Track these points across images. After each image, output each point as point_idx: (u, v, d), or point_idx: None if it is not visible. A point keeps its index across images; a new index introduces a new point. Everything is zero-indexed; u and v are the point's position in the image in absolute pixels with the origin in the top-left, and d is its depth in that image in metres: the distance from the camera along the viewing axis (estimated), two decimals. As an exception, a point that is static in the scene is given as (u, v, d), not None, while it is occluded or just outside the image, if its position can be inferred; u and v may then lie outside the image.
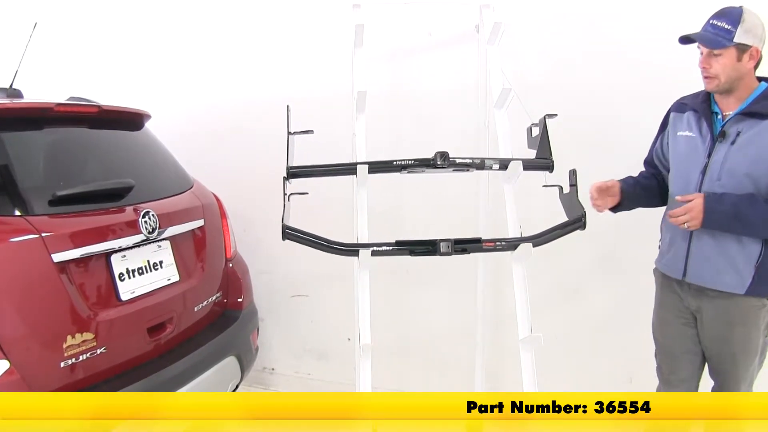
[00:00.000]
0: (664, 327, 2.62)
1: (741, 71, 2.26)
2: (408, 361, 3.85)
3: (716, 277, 2.35)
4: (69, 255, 2.30)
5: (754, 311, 2.35)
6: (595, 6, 3.24)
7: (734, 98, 2.32)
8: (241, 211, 3.76)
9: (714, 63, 2.25)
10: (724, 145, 2.29)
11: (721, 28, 2.23)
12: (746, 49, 2.22)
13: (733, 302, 2.34)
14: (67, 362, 2.25)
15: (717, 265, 2.34)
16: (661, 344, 2.65)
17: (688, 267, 2.42)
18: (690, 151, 2.41)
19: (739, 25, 2.20)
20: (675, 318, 2.54)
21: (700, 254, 2.37)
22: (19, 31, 3.33)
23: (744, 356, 2.39)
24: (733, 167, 2.26)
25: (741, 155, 2.25)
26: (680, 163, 2.46)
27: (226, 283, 3.25)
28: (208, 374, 2.82)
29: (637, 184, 2.62)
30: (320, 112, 3.38)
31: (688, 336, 2.52)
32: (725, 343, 2.41)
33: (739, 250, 2.30)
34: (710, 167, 2.32)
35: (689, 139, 2.42)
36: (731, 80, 2.26)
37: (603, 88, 3.24)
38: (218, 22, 3.99)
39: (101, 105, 2.82)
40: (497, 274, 3.42)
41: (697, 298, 2.44)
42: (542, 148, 2.76)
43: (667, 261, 2.53)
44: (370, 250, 2.56)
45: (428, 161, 2.64)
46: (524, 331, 2.60)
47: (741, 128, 2.26)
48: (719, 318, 2.40)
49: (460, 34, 3.40)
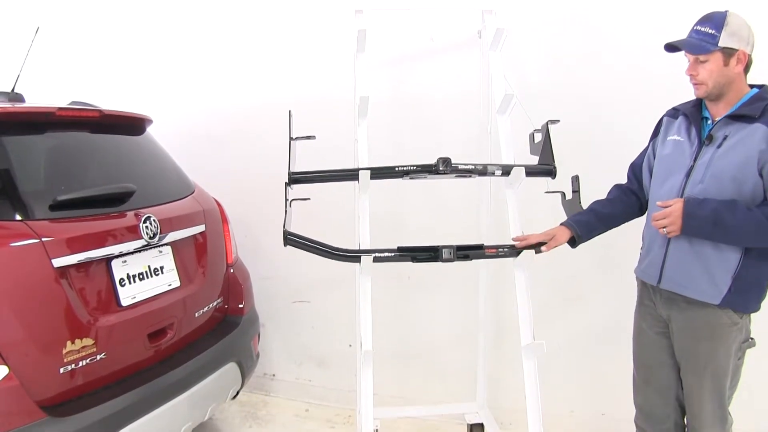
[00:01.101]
0: (640, 336, 2.58)
1: (729, 76, 2.22)
2: (409, 367, 3.83)
3: (691, 285, 2.29)
4: (69, 260, 2.29)
5: (723, 328, 2.28)
6: (598, 12, 3.23)
7: (724, 103, 2.28)
8: (243, 217, 3.76)
9: (701, 69, 2.23)
10: (710, 148, 2.26)
11: (705, 33, 2.20)
12: (732, 53, 2.18)
13: (703, 314, 2.29)
14: (66, 368, 2.24)
15: (692, 273, 2.28)
16: (637, 353, 2.61)
17: (663, 273, 2.37)
18: (676, 154, 2.37)
19: (723, 29, 2.17)
20: (649, 327, 2.51)
21: (676, 260, 2.32)
22: (22, 36, 3.34)
23: (711, 374, 2.31)
24: (717, 170, 2.22)
25: (726, 158, 2.20)
26: (664, 166, 2.42)
27: (227, 288, 3.24)
28: (209, 380, 2.82)
29: (594, 217, 2.56)
30: (322, 118, 3.37)
31: (663, 346, 2.47)
32: (691, 356, 2.36)
33: (717, 258, 2.24)
34: (694, 170, 2.28)
35: (677, 143, 2.39)
36: (720, 86, 2.23)
37: (605, 94, 3.23)
38: (220, 27, 4.00)
39: (103, 109, 2.82)
40: (499, 280, 3.41)
41: (667, 307, 2.40)
42: (545, 154, 2.76)
43: (645, 267, 2.49)
44: (371, 256, 2.56)
45: (430, 167, 2.64)
46: (526, 338, 2.59)
47: (728, 132, 2.23)
48: (687, 330, 2.35)
49: (462, 40, 3.40)
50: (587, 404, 3.49)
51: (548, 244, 2.53)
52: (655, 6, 3.12)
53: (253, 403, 4.04)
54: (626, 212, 2.59)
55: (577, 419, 3.50)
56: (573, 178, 2.68)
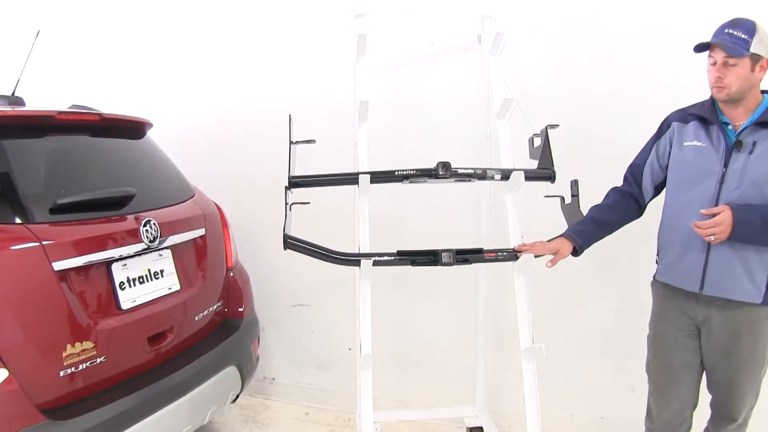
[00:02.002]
0: (663, 340, 2.58)
1: (752, 82, 2.26)
2: (409, 371, 3.83)
3: (735, 288, 2.32)
4: (70, 263, 2.30)
5: (762, 322, 2.35)
6: (598, 16, 3.24)
7: (743, 108, 2.31)
8: (243, 220, 3.77)
9: (728, 73, 2.25)
10: (741, 155, 2.28)
11: (737, 38, 2.22)
12: (759, 60, 2.23)
13: (743, 312, 2.33)
14: (66, 371, 2.24)
15: (736, 276, 2.32)
16: (659, 357, 2.61)
17: (705, 279, 2.37)
18: (702, 160, 2.38)
19: (755, 35, 2.20)
20: (677, 330, 2.51)
21: (720, 265, 2.34)
22: (22, 39, 3.35)
23: (749, 368, 2.38)
24: (755, 176, 2.25)
25: (761, 165, 2.24)
26: (688, 173, 2.42)
27: (227, 292, 3.24)
28: (209, 384, 2.82)
29: (594, 225, 2.58)
30: (322, 122, 3.39)
31: (690, 348, 2.49)
32: (730, 354, 2.39)
33: (757, 259, 2.29)
34: (727, 176, 2.30)
35: (700, 149, 2.39)
36: (743, 90, 2.26)
37: (605, 99, 3.24)
38: (220, 31, 4.01)
39: (103, 113, 2.83)
40: (499, 284, 3.41)
41: (705, 309, 2.41)
42: (544, 159, 2.77)
43: (680, 274, 2.46)
44: (371, 260, 2.57)
45: (430, 171, 2.64)
46: (526, 342, 2.60)
47: (757, 138, 2.26)
48: (727, 328, 2.38)
49: (462, 44, 3.41)
50: (587, 407, 3.49)
51: (553, 259, 2.54)
52: (654, 11, 3.13)
53: (253, 407, 4.04)
54: (626, 217, 2.60)
55: (576, 422, 3.50)
56: (572, 183, 2.69)
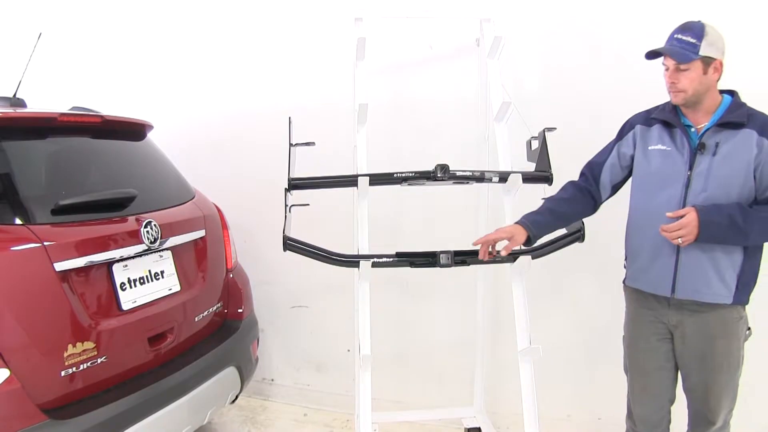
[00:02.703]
0: (637, 344, 2.58)
1: (707, 84, 2.28)
2: (407, 372, 3.85)
3: (707, 290, 2.33)
4: (71, 264, 2.31)
5: (734, 323, 2.36)
6: (595, 20, 3.26)
7: (702, 111, 2.34)
8: (242, 222, 3.79)
9: (681, 77, 2.27)
10: (705, 157, 2.30)
11: (686, 42, 2.25)
12: (711, 62, 2.25)
13: (715, 314, 2.35)
14: (67, 371, 2.26)
15: (708, 277, 2.33)
16: (634, 361, 2.62)
17: (677, 282, 2.38)
18: (667, 164, 2.39)
19: (703, 39, 2.23)
20: (650, 335, 2.51)
21: (691, 268, 2.35)
22: (24, 41, 3.36)
23: (725, 370, 2.38)
24: (721, 178, 2.27)
25: (726, 166, 2.26)
26: (654, 177, 2.43)
27: (227, 293, 3.26)
28: (208, 384, 2.84)
29: (550, 216, 2.54)
30: (322, 124, 3.41)
31: (662, 352, 2.50)
32: (706, 357, 2.39)
33: (726, 259, 2.31)
34: (693, 179, 2.31)
35: (665, 153, 2.40)
36: (698, 93, 2.29)
37: (602, 102, 3.26)
38: (220, 34, 4.03)
39: (104, 115, 2.85)
40: (497, 285, 3.43)
41: (677, 313, 2.42)
42: (541, 161, 2.79)
43: (652, 279, 2.46)
44: (370, 261, 2.58)
45: (428, 174, 2.66)
46: (523, 343, 2.62)
47: (719, 139, 2.28)
48: (700, 331, 2.38)
49: (460, 48, 3.44)
50: (584, 408, 3.51)
51: (507, 246, 2.48)
52: (651, 15, 3.15)
53: (252, 408, 4.06)
54: (581, 212, 2.61)
55: (573, 423, 3.52)
56: (569, 185, 2.70)
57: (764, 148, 2.23)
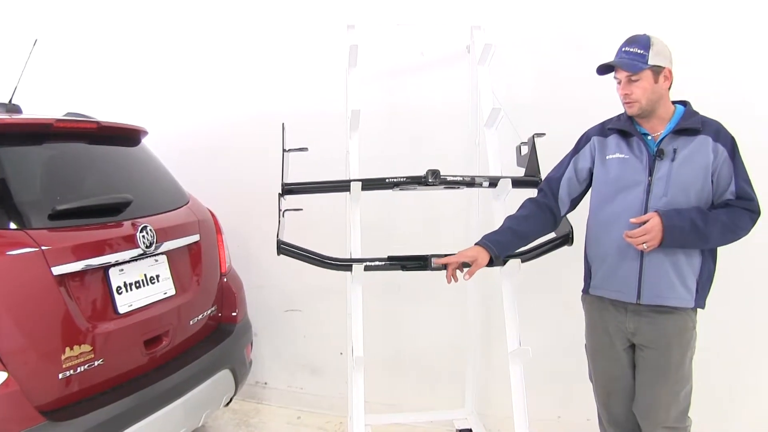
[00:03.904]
0: (599, 353, 2.61)
1: (659, 92, 2.35)
2: (399, 375, 3.88)
3: (671, 294, 2.36)
4: (68, 268, 2.34)
5: (689, 332, 2.40)
6: (584, 27, 3.31)
7: (657, 119, 2.40)
8: (236, 227, 3.81)
9: (634, 88, 2.34)
10: (665, 162, 2.35)
11: (634, 54, 2.33)
12: (660, 71, 2.33)
13: (672, 321, 2.38)
14: (65, 374, 2.28)
15: (671, 281, 2.36)
16: (599, 368, 2.64)
17: (642, 287, 2.40)
18: (626, 171, 2.43)
19: (650, 49, 2.31)
20: (611, 344, 2.54)
21: (655, 272, 2.37)
22: (20, 48, 3.39)
23: (680, 379, 2.41)
24: (680, 182, 2.33)
25: (685, 170, 2.32)
26: (613, 185, 2.46)
27: (221, 297, 3.29)
28: (203, 387, 2.86)
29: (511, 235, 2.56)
30: (315, 130, 3.43)
31: (624, 360, 2.53)
32: (662, 365, 2.41)
33: (687, 262, 2.36)
34: (654, 185, 2.36)
35: (623, 161, 2.44)
36: (652, 102, 2.35)
37: (590, 108, 3.29)
38: (214, 41, 4.06)
39: (101, 121, 2.88)
40: (487, 288, 3.46)
41: (635, 321, 2.44)
42: (531, 166, 2.83)
43: (617, 285, 2.47)
44: (363, 264, 2.61)
45: (420, 179, 2.69)
46: (513, 345, 2.65)
47: (676, 145, 2.34)
48: (657, 340, 2.41)
49: (451, 55, 3.48)
50: (573, 410, 3.54)
51: (471, 269, 2.49)
52: (639, 22, 3.19)
53: (245, 411, 4.08)
54: (542, 229, 2.63)
55: (563, 424, 3.55)
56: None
57: (719, 154, 2.31)
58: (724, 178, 2.32)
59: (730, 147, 2.32)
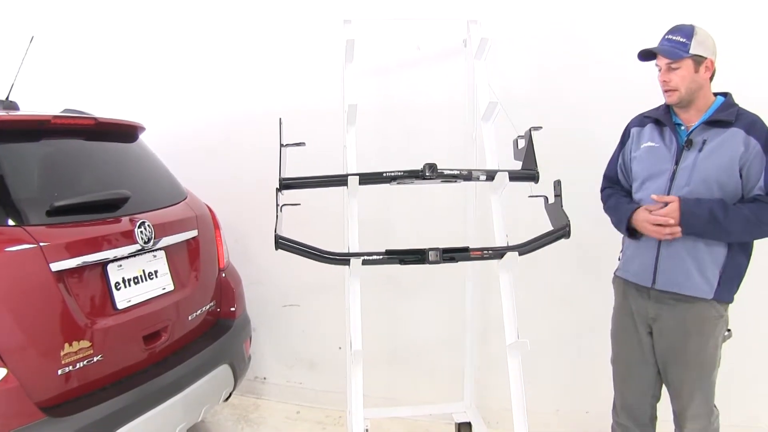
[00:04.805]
0: (621, 335, 2.67)
1: (699, 82, 2.36)
2: (398, 369, 3.90)
3: (687, 282, 2.40)
4: (66, 264, 2.35)
5: (712, 321, 2.41)
6: (581, 20, 3.32)
7: (694, 110, 2.42)
8: (234, 222, 3.82)
9: (673, 76, 2.36)
10: (691, 153, 2.38)
11: (676, 42, 2.35)
12: (702, 61, 2.33)
13: (694, 310, 2.40)
14: (64, 370, 2.29)
15: (687, 270, 2.40)
16: (617, 352, 2.70)
17: (657, 274, 2.46)
18: (655, 159, 2.49)
19: (693, 38, 2.32)
20: (633, 327, 2.59)
21: (670, 260, 2.42)
22: (17, 45, 3.38)
23: (700, 367, 2.44)
24: (704, 173, 2.35)
25: (711, 162, 2.34)
26: (645, 172, 2.53)
27: (220, 292, 3.29)
28: (202, 382, 2.87)
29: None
30: (312, 125, 3.43)
31: (645, 344, 2.57)
32: (681, 352, 2.45)
33: (708, 253, 2.37)
34: (678, 174, 2.40)
35: (653, 149, 2.50)
36: (691, 92, 2.37)
37: (587, 102, 3.32)
38: (211, 35, 4.05)
39: (97, 117, 2.87)
40: (485, 282, 3.48)
41: (657, 307, 2.49)
42: (528, 160, 2.82)
43: (636, 269, 2.56)
44: (360, 259, 2.61)
45: (417, 173, 2.69)
46: (511, 337, 2.65)
47: (707, 137, 2.36)
48: (677, 327, 2.45)
49: (448, 49, 3.48)
50: (572, 402, 3.57)
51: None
52: (636, 16, 3.21)
53: (244, 406, 4.09)
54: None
55: (562, 417, 3.57)
56: (555, 183, 2.74)
57: (751, 147, 2.29)
58: (755, 173, 2.31)
59: (765, 140, 2.30)
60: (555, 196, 2.73)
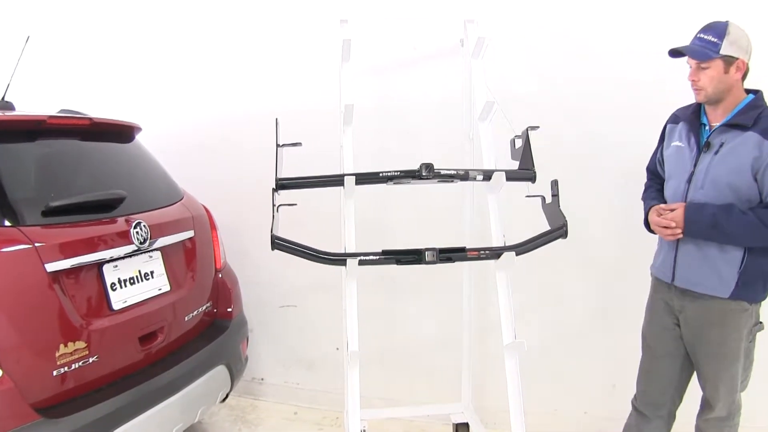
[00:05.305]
0: (650, 328, 2.72)
1: (728, 83, 2.34)
2: (396, 369, 3.89)
3: (701, 282, 2.43)
4: (62, 265, 2.34)
5: (734, 314, 2.42)
6: (577, 21, 3.32)
7: (722, 109, 2.40)
8: (231, 223, 3.80)
9: (702, 75, 2.34)
10: (708, 155, 2.38)
11: (707, 41, 2.32)
12: (732, 61, 2.30)
13: (715, 303, 2.42)
14: (59, 371, 2.28)
15: (701, 271, 2.43)
16: (645, 343, 2.75)
17: (675, 272, 2.52)
18: (678, 160, 2.51)
19: (725, 38, 2.29)
20: (661, 320, 2.64)
21: (686, 261, 2.47)
22: (12, 45, 3.37)
23: (721, 358, 2.46)
24: (715, 177, 2.35)
25: (723, 165, 2.34)
26: (671, 172, 2.57)
27: (216, 293, 3.29)
28: (199, 383, 2.86)
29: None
30: (308, 125, 3.43)
31: (673, 338, 2.60)
32: (702, 343, 2.49)
33: (722, 257, 2.38)
34: (695, 176, 2.41)
35: (678, 149, 2.52)
36: (719, 92, 2.35)
37: (584, 101, 3.31)
38: (207, 36, 4.05)
39: (93, 118, 2.87)
40: (482, 282, 3.47)
41: (681, 299, 2.53)
42: (525, 160, 2.82)
43: (659, 266, 2.63)
44: (357, 259, 2.60)
45: (414, 173, 2.68)
46: (508, 338, 2.65)
47: (724, 139, 2.36)
48: (698, 318, 2.48)
49: (445, 49, 3.46)
50: (570, 403, 3.56)
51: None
52: (633, 16, 3.20)
53: (242, 407, 4.08)
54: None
55: (560, 418, 3.57)
56: (552, 183, 2.74)
57: (764, 151, 2.26)
58: None
59: None
60: (552, 195, 2.72)
